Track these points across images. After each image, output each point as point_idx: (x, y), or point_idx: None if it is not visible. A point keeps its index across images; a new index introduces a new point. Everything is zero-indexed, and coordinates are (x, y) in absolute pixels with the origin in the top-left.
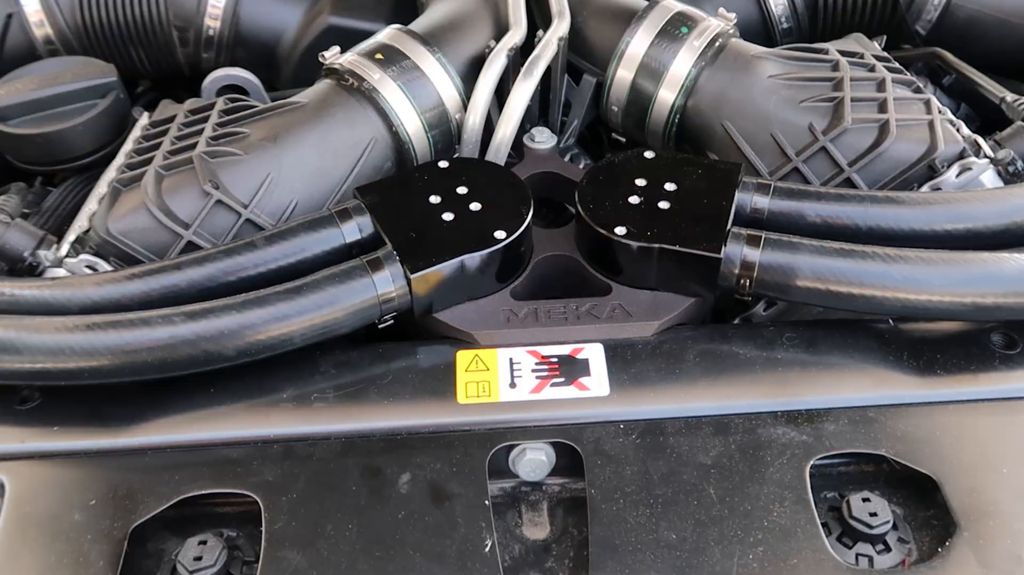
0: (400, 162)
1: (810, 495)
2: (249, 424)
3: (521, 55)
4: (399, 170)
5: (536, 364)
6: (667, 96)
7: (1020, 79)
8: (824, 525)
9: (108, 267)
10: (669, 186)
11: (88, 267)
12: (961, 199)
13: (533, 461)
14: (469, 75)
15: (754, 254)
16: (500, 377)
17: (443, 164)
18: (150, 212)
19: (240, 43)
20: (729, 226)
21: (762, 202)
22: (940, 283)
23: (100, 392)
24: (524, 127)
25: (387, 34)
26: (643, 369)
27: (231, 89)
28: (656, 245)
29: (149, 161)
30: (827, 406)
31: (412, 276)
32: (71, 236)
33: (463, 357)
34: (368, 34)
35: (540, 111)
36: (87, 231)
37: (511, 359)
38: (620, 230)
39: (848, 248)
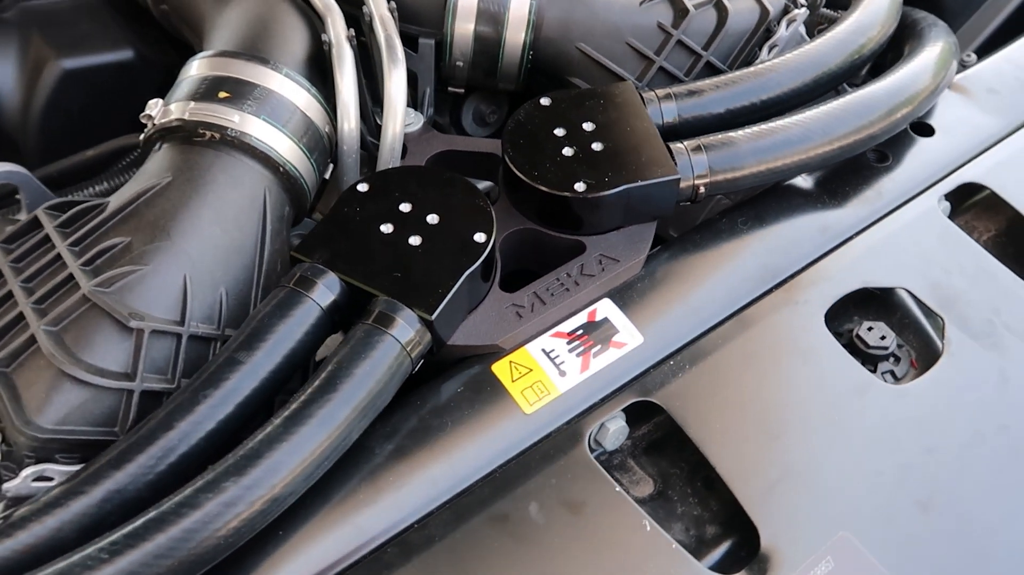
0: (295, 201)
1: (835, 341)
2: (343, 542)
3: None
4: (298, 212)
5: (568, 343)
6: (516, 36)
7: None
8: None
9: (64, 467)
10: (587, 126)
11: (39, 479)
12: (813, 49)
13: (617, 431)
14: (317, 79)
15: (702, 161)
16: (546, 371)
17: (363, 187)
18: (76, 380)
19: None
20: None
21: (670, 110)
22: (841, 129)
23: None
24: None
25: (209, 65)
26: (655, 303)
27: None
28: (620, 187)
29: None
30: (805, 263)
31: (434, 316)
32: None
33: (500, 369)
34: (114, 67)
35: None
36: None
37: (543, 349)
38: (580, 186)
39: (767, 128)
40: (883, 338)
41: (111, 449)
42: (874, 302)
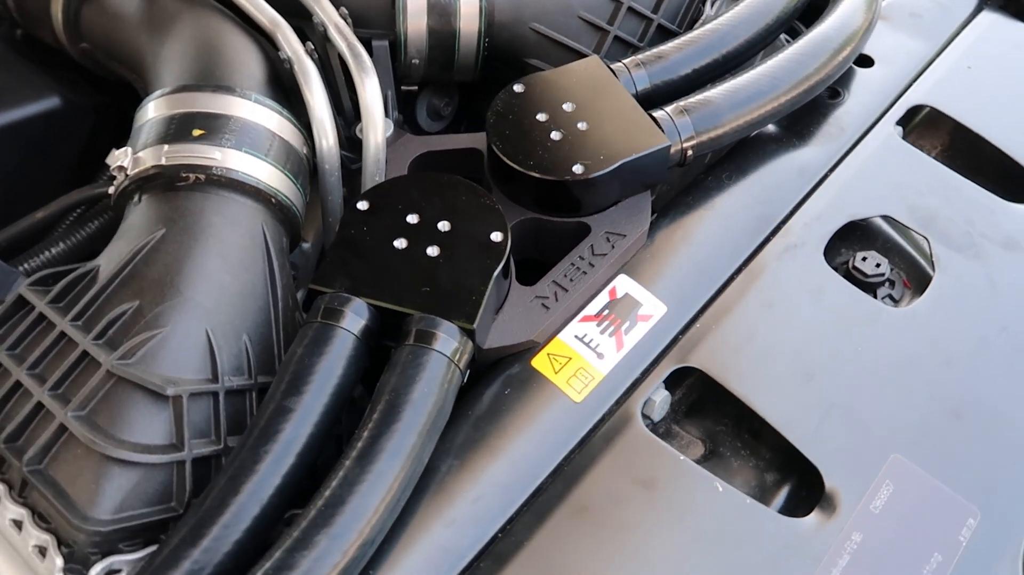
0: (289, 230)
1: (839, 277)
2: (435, 566)
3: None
4: (292, 240)
5: (598, 325)
6: (470, 26)
7: None
8: None
9: (131, 556)
10: (567, 107)
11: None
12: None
13: (662, 401)
14: (282, 100)
15: (687, 124)
16: (585, 357)
17: (363, 205)
18: (123, 462)
19: None
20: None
21: (642, 78)
22: (803, 72)
23: None
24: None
25: (171, 103)
26: (667, 270)
27: None
28: (617, 163)
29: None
30: (792, 206)
31: (476, 324)
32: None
33: (541, 363)
34: (42, 118)
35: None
36: (56, 539)
37: (576, 336)
38: (577, 168)
39: (739, 83)
40: (878, 266)
41: (180, 526)
42: (856, 232)
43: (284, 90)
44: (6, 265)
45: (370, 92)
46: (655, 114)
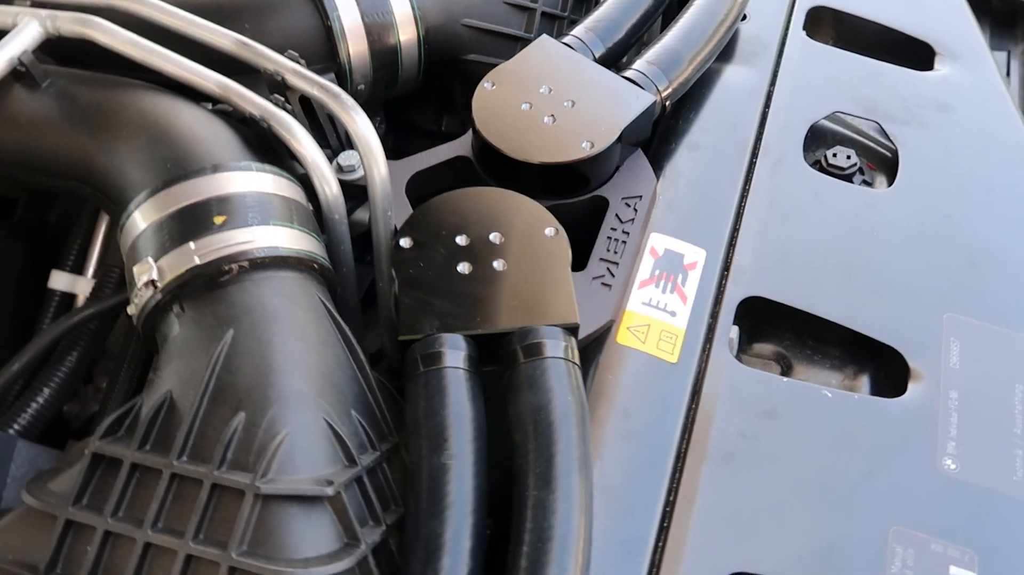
0: (332, 290)
1: (828, 176)
2: (624, 562)
3: None
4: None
5: (656, 286)
6: (409, 36)
7: None
8: None
9: None
10: (544, 91)
11: None
12: None
13: (736, 337)
14: (270, 159)
15: (659, 74)
16: (661, 319)
17: (406, 243)
18: None
19: None
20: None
21: (596, 44)
22: (727, 5)
23: None
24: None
25: (170, 198)
26: (686, 216)
27: None
28: (619, 130)
29: None
30: (757, 126)
31: (578, 318)
32: None
33: (626, 339)
34: None
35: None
36: None
37: (643, 303)
38: (585, 145)
39: (683, 27)
40: (848, 157)
41: None
42: (813, 134)
43: (261, 149)
44: (25, 442)
45: (362, 126)
46: (626, 75)
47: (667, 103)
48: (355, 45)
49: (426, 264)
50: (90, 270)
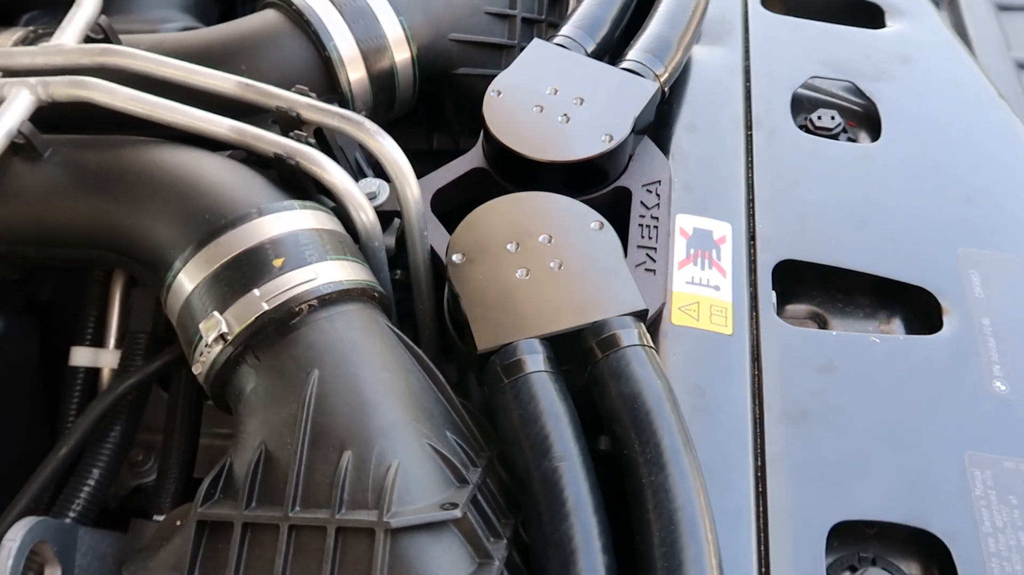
0: (390, 315)
1: (822, 137)
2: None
3: None
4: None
5: (695, 264)
6: (403, 56)
7: None
8: None
9: None
10: (550, 91)
11: None
12: None
13: (774, 300)
14: (304, 195)
15: (655, 61)
16: (708, 295)
17: (457, 258)
18: None
19: None
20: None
21: (587, 40)
22: None
23: None
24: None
25: (224, 247)
26: (703, 192)
27: None
28: (631, 121)
29: None
30: (744, 99)
31: (646, 303)
32: None
33: (679, 319)
34: None
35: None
36: None
37: (687, 282)
38: (604, 139)
39: (664, 13)
40: (833, 117)
41: None
42: (794, 100)
43: (289, 187)
44: (60, 522)
45: (390, 149)
46: (626, 65)
47: (666, 88)
48: (354, 72)
49: (484, 276)
50: (111, 341)
